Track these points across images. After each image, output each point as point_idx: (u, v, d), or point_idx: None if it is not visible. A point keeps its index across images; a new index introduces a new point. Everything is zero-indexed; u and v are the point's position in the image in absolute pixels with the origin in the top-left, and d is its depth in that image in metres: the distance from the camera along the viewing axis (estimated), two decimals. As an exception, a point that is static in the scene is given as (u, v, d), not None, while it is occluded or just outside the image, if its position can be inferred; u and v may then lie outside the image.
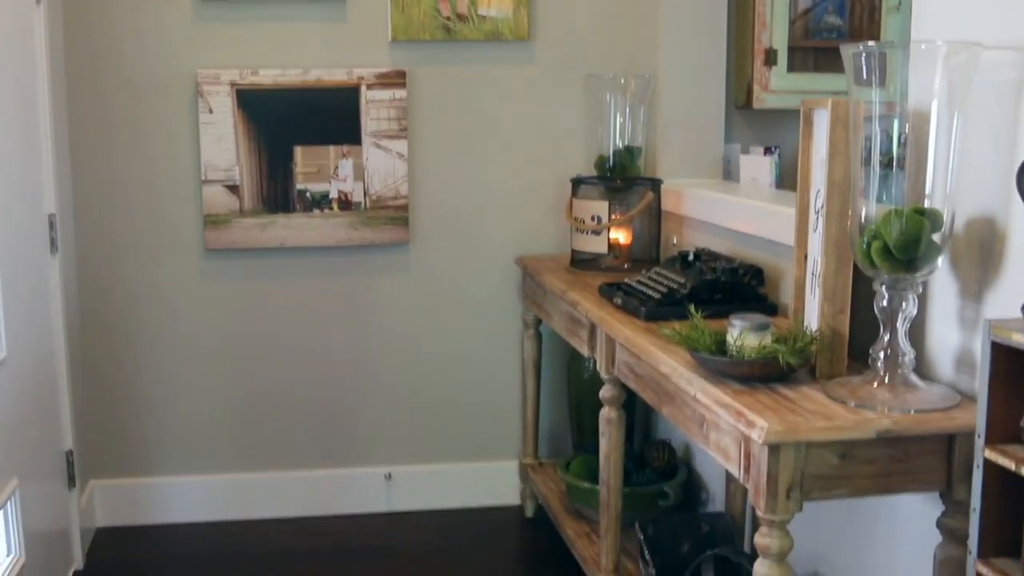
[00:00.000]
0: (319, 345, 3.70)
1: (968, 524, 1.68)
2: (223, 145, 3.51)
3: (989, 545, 1.64)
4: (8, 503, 2.70)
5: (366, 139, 3.58)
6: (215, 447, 3.70)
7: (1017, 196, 1.77)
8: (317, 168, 3.58)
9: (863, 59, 1.93)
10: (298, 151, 3.56)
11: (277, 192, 3.56)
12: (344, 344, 3.71)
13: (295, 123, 3.54)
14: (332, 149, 3.58)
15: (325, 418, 3.75)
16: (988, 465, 1.61)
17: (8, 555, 2.73)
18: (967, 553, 1.67)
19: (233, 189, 3.53)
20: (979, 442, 1.62)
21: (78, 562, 3.35)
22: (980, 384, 1.61)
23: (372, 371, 3.75)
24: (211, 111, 3.49)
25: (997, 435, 1.61)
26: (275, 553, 3.49)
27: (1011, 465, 1.56)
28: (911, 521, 2.22)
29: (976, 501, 1.63)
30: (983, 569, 1.63)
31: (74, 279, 3.47)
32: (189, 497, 3.70)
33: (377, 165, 3.59)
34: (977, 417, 1.62)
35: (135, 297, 3.58)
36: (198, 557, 3.47)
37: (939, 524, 1.98)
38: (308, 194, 3.58)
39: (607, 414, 2.78)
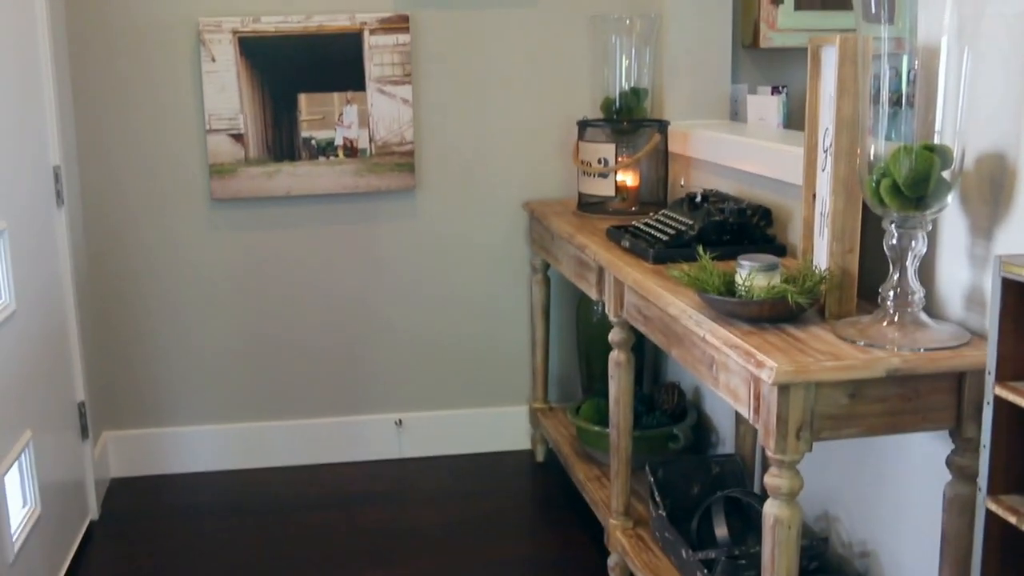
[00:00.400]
0: (328, 293, 3.70)
1: (977, 462, 1.68)
2: (227, 94, 3.49)
3: (999, 482, 1.64)
4: (22, 455, 2.72)
5: (370, 85, 3.55)
6: (226, 396, 3.72)
7: (1028, 131, 1.75)
8: (321, 115, 3.55)
9: (871, -6, 1.90)
10: (302, 98, 3.53)
11: (282, 140, 3.55)
12: (353, 292, 3.72)
13: (298, 70, 3.51)
14: (336, 96, 3.55)
15: (335, 366, 3.76)
16: (998, 402, 1.60)
17: (24, 506, 2.75)
18: (977, 490, 1.67)
19: (238, 138, 3.51)
20: (989, 379, 1.61)
21: (93, 512, 3.38)
22: (990, 321, 1.60)
23: (381, 318, 3.75)
24: (214, 59, 3.46)
25: (1007, 372, 1.60)
26: (287, 500, 3.52)
27: (1021, 402, 1.56)
28: (920, 460, 2.22)
29: (986, 438, 1.63)
30: (993, 506, 1.63)
31: (81, 231, 3.47)
32: (202, 446, 3.72)
33: (382, 111, 3.57)
34: (987, 354, 1.62)
35: (143, 248, 3.58)
36: (211, 505, 3.50)
37: (948, 462, 1.98)
38: (313, 142, 3.56)
39: (616, 357, 2.78)
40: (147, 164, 3.54)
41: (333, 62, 3.52)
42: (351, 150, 3.58)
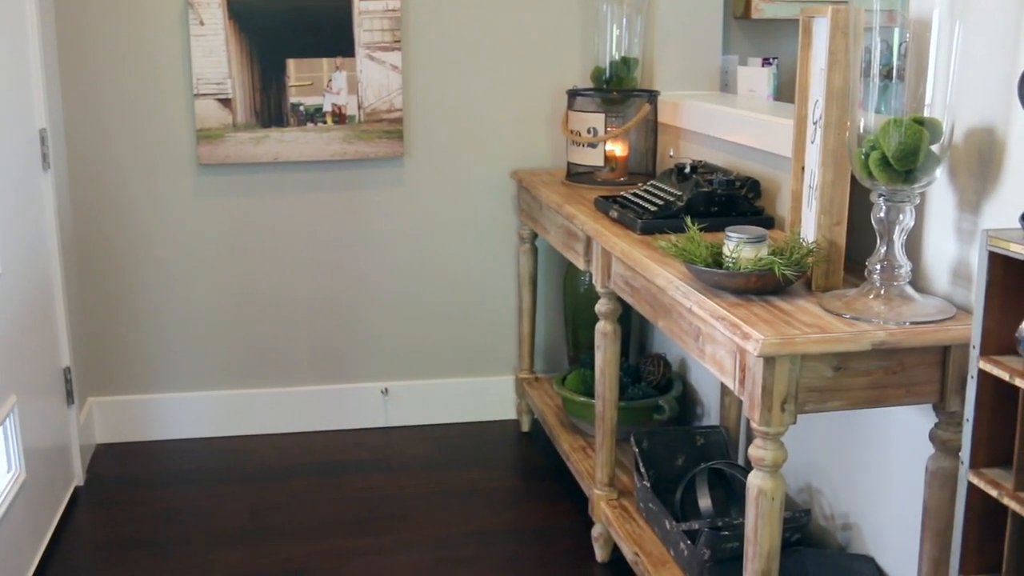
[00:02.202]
0: (315, 261, 3.69)
1: (960, 436, 1.69)
2: (215, 58, 3.46)
3: (981, 456, 1.64)
4: (7, 420, 2.71)
5: (359, 51, 3.53)
6: (212, 363, 3.71)
7: (1018, 106, 1.75)
8: (310, 81, 3.53)
9: (864, -35, 1.89)
10: (291, 64, 3.51)
11: (270, 106, 3.52)
12: (340, 260, 3.70)
13: (287, 35, 3.49)
14: (325, 61, 3.53)
15: (322, 334, 3.75)
16: (982, 376, 1.61)
17: (9, 471, 2.75)
18: (959, 464, 1.67)
19: (226, 103, 3.49)
20: (974, 353, 1.62)
21: (78, 478, 3.38)
22: (976, 295, 1.60)
23: (368, 287, 3.74)
24: (202, 23, 3.43)
25: (992, 346, 1.61)
26: (272, 468, 3.52)
27: (1005, 376, 1.56)
28: (903, 433, 2.23)
29: (969, 412, 1.63)
30: (975, 479, 1.64)
31: (67, 195, 3.45)
32: (187, 413, 3.72)
33: (371, 78, 3.55)
34: (973, 328, 1.62)
35: (129, 213, 3.56)
36: (196, 472, 3.50)
37: (932, 436, 1.99)
38: (301, 108, 3.54)
39: (603, 328, 2.78)
40: (134, 128, 3.51)
41: (322, 27, 3.50)
42: (339, 116, 3.56)
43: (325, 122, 3.55)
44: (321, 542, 3.04)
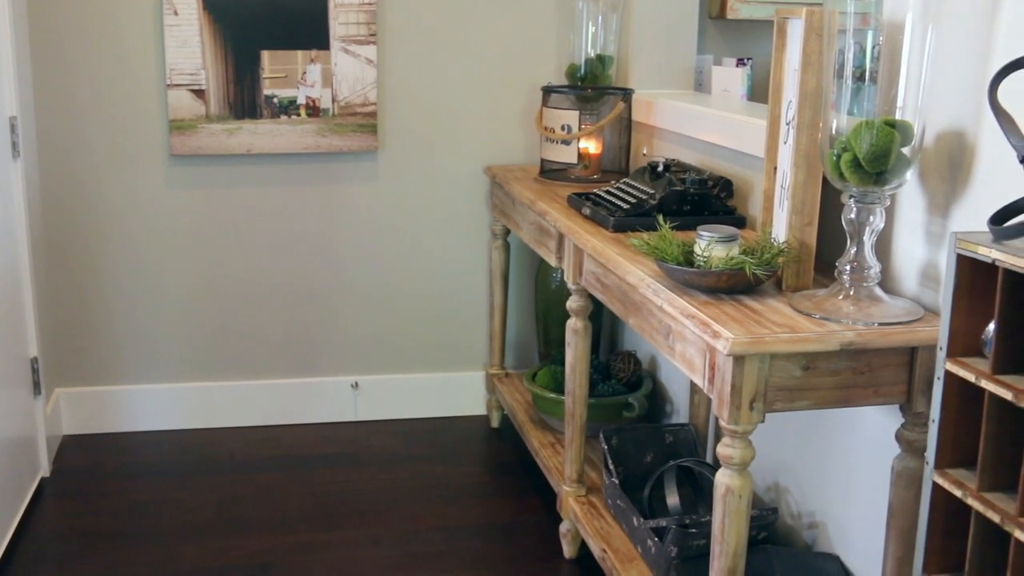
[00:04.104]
0: (286, 254, 3.68)
1: (926, 436, 1.70)
2: (189, 48, 3.44)
3: (946, 456, 1.66)
4: (-29, 408, 2.69)
5: (334, 44, 3.51)
6: (181, 355, 3.69)
7: (988, 110, 1.76)
8: (284, 73, 3.52)
9: (838, -33, 1.90)
10: (265, 55, 3.49)
11: (244, 97, 3.51)
12: (311, 252, 3.69)
13: (262, 26, 3.47)
14: (300, 54, 3.52)
15: (292, 327, 3.74)
16: (949, 377, 1.62)
17: (-28, 459, 2.73)
18: (924, 464, 1.69)
19: (199, 94, 3.47)
20: (940, 354, 1.63)
21: (44, 469, 3.35)
22: (944, 297, 1.61)
23: (339, 281, 3.73)
24: (176, 13, 3.41)
25: (959, 348, 1.62)
26: (241, 461, 3.51)
27: (971, 377, 1.57)
28: (870, 433, 2.25)
29: (935, 412, 1.65)
30: (939, 479, 1.65)
31: (37, 184, 3.42)
32: (155, 405, 3.69)
33: (345, 71, 3.54)
34: (940, 329, 1.63)
35: (100, 203, 3.53)
36: (164, 465, 3.48)
37: (898, 436, 2.00)
38: (275, 100, 3.52)
39: (574, 324, 2.78)
40: (106, 117, 3.49)
41: (297, 20, 3.48)
42: (313, 109, 3.55)
43: (299, 115, 3.54)
44: (288, 536, 3.03)
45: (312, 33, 3.50)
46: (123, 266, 3.59)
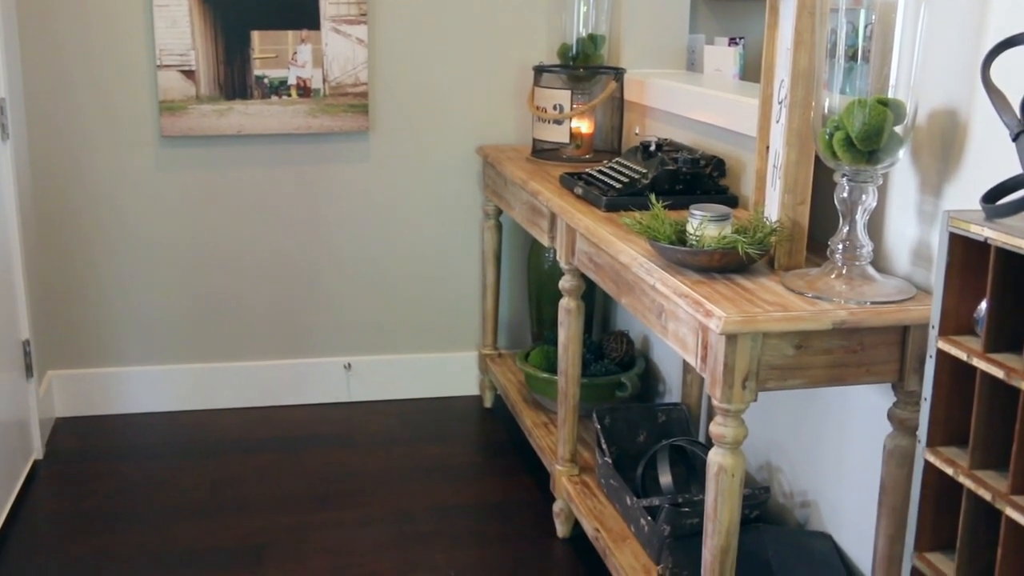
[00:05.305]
0: (278, 234, 3.67)
1: (918, 415, 1.71)
2: (178, 28, 3.42)
3: (938, 434, 1.66)
4: (-37, 390, 2.68)
5: (325, 24, 3.50)
6: (174, 337, 3.69)
7: (980, 88, 1.76)
8: (275, 53, 3.50)
9: (831, -55, 1.89)
10: (255, 35, 3.48)
11: (234, 78, 3.49)
12: (304, 233, 3.68)
13: (252, 6, 3.45)
14: (290, 34, 3.50)
15: (285, 308, 3.74)
16: (941, 355, 1.62)
17: (-35, 442, 2.72)
18: (916, 442, 1.69)
19: (189, 74, 3.45)
20: (933, 332, 1.63)
21: (38, 452, 3.35)
22: (936, 275, 1.61)
23: (332, 262, 3.73)
24: (164, -7, 3.39)
25: (951, 326, 1.62)
26: (234, 442, 3.51)
27: (963, 355, 1.58)
28: (862, 412, 2.25)
29: (927, 391, 1.65)
30: (931, 457, 1.66)
31: (27, 166, 3.40)
32: (148, 387, 3.69)
33: (336, 51, 3.52)
34: (932, 308, 1.63)
35: (90, 184, 3.52)
36: (157, 446, 3.48)
37: (890, 415, 2.01)
38: (266, 80, 3.51)
39: (566, 304, 2.78)
40: (96, 99, 3.47)
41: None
42: (304, 90, 3.53)
43: (289, 95, 3.53)
44: (282, 516, 3.04)
45: (302, 13, 3.48)
46: (114, 248, 3.58)
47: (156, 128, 3.50)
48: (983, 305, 1.57)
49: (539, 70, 3.39)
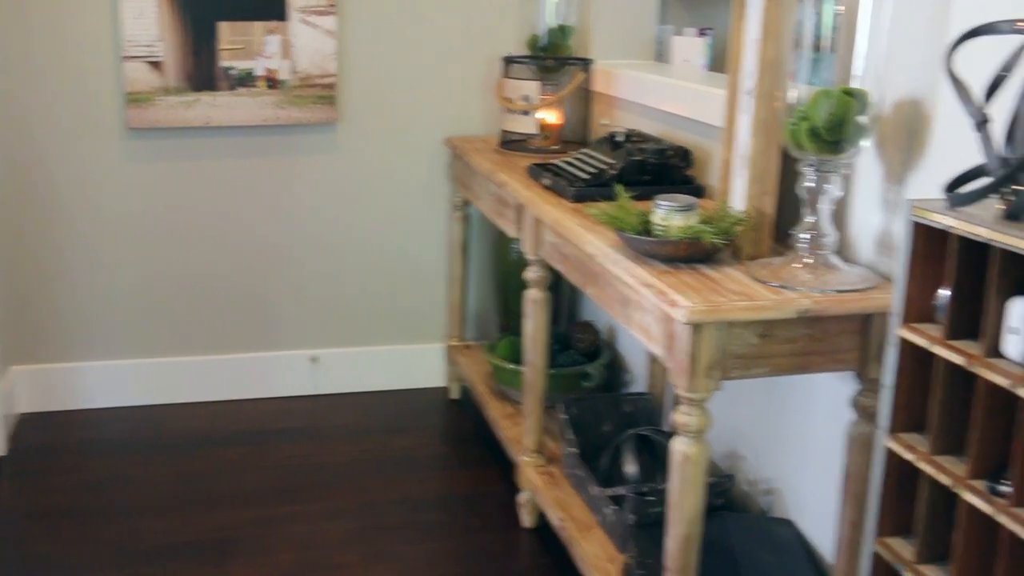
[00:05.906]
0: (244, 226, 3.65)
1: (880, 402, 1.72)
2: (145, 19, 3.39)
3: (899, 421, 1.68)
4: (-76, 381, 2.65)
5: (293, 15, 3.48)
6: (138, 331, 3.66)
7: (944, 79, 1.77)
8: (242, 45, 3.48)
9: (795, -64, 1.90)
10: (223, 27, 3.45)
11: (202, 69, 3.46)
12: (270, 225, 3.66)
13: (218, -4, 3.43)
14: (258, 25, 3.48)
15: (250, 301, 3.72)
16: (902, 343, 1.64)
17: (-75, 434, 2.70)
18: (877, 429, 1.71)
19: (156, 66, 3.43)
20: (894, 320, 1.64)
21: (1, 448, 3.32)
22: (899, 263, 1.63)
23: (298, 253, 3.71)
24: (130, -18, 3.36)
25: (912, 314, 1.64)
26: (200, 436, 3.49)
27: (924, 343, 1.59)
28: (826, 400, 2.27)
29: (889, 378, 1.66)
30: (892, 444, 1.67)
31: (-11, 155, 3.37)
32: (113, 382, 3.66)
33: (304, 42, 3.50)
34: (894, 296, 1.65)
35: (55, 177, 3.48)
36: (123, 441, 3.45)
37: (853, 402, 2.03)
38: (233, 71, 3.48)
39: (533, 295, 2.78)
40: (61, 90, 3.43)
41: (254, -11, 3.45)
42: (272, 81, 3.51)
43: (257, 86, 3.51)
44: (249, 510, 3.02)
45: (270, 4, 3.46)
46: (79, 241, 3.55)
47: (122, 120, 3.47)
48: (943, 292, 1.59)
49: (508, 61, 3.38)
